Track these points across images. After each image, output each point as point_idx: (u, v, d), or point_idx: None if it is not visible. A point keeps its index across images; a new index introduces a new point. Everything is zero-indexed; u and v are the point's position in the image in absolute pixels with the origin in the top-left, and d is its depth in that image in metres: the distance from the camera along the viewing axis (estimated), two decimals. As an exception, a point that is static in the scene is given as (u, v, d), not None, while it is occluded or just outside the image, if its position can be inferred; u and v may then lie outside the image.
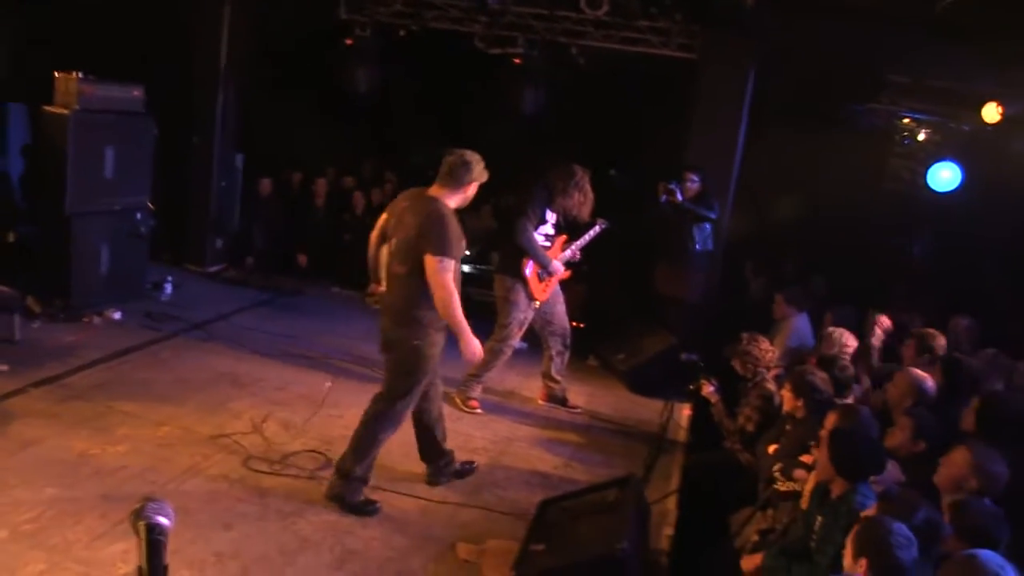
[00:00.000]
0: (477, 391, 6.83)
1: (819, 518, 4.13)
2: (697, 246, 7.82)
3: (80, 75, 7.29)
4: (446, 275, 4.73)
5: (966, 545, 3.34)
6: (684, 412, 7.25)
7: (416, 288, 4.82)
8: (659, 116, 8.64)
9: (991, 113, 7.32)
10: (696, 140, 8.18)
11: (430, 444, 5.44)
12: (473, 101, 9.29)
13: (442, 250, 4.73)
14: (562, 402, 7.11)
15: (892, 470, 4.41)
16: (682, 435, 6.90)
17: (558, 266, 6.76)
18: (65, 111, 7.26)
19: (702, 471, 5.97)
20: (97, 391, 6.13)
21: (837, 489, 4.09)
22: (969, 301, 7.15)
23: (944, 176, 8.49)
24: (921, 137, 9.07)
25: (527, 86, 8.44)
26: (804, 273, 8.54)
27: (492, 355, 6.64)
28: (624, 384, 7.80)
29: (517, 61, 8.41)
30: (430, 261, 4.72)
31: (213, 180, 9.51)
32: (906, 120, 9.14)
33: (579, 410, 7.09)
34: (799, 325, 7.28)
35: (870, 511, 3.75)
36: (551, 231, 6.83)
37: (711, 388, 6.17)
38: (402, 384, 5.00)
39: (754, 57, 8.07)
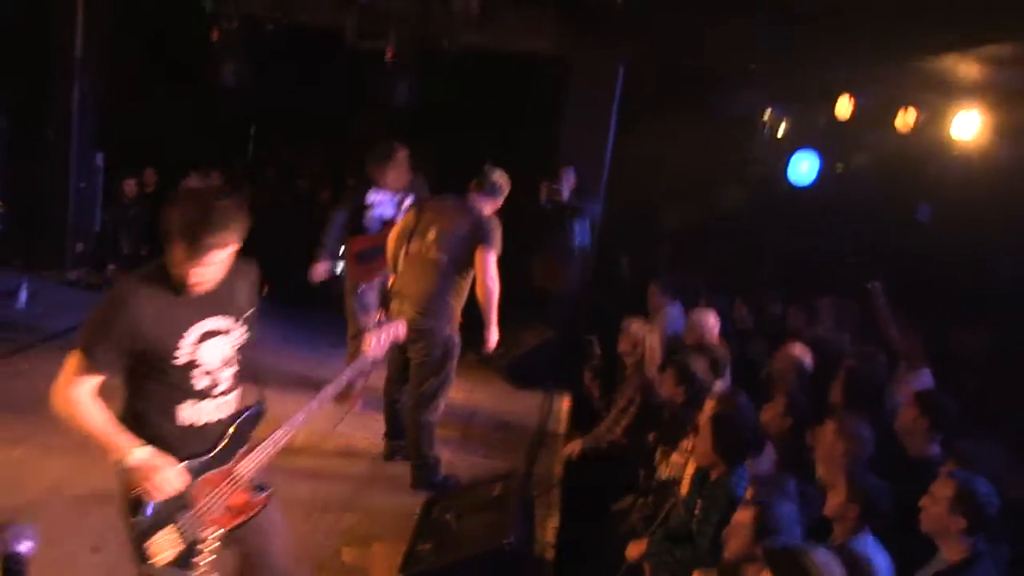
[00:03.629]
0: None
1: (699, 502, 4.26)
2: (576, 241, 7.91)
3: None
4: (496, 268, 5.24)
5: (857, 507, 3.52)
6: (564, 404, 7.33)
7: (452, 277, 5.30)
8: (532, 111, 8.68)
9: (844, 107, 7.66)
10: (568, 136, 8.27)
11: (400, 421, 5.69)
12: (344, 95, 9.12)
13: (496, 246, 5.24)
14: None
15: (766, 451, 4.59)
16: (562, 427, 6.98)
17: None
18: None
19: (583, 461, 6.06)
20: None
21: (715, 473, 4.22)
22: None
23: (803, 168, 8.86)
24: (782, 130, 9.43)
25: (398, 80, 8.34)
26: (676, 263, 8.75)
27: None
28: (504, 377, 7.82)
29: (389, 55, 8.29)
30: (489, 255, 5.22)
31: (71, 179, 9.04)
32: (768, 112, 9.49)
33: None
34: (673, 314, 7.44)
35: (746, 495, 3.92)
36: (391, 212, 6.63)
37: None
38: (439, 372, 5.40)
39: (623, 53, 8.20)
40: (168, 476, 2.88)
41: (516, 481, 4.92)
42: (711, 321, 6.27)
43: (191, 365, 2.94)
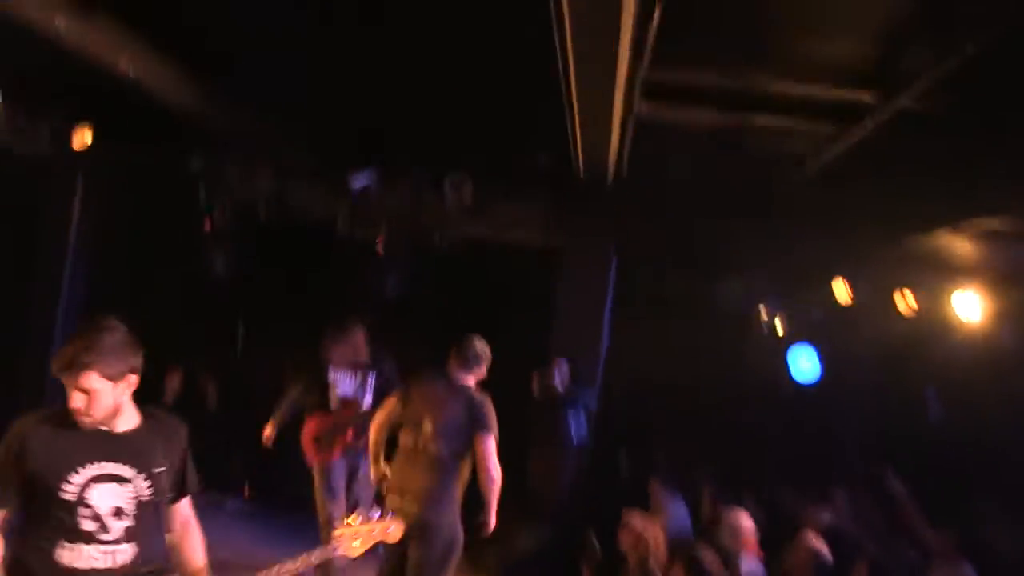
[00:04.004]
0: None
1: None
2: (573, 439, 7.60)
3: None
4: (495, 454, 5.17)
5: None
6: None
7: (457, 469, 5.22)
8: (523, 302, 8.58)
9: (841, 291, 7.55)
10: (561, 326, 8.12)
11: None
12: (333, 286, 9.01)
13: (494, 429, 5.19)
14: None
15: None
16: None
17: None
18: None
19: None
20: None
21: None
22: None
23: (804, 366, 8.60)
24: (779, 329, 9.22)
25: (389, 272, 8.31)
26: (675, 458, 8.38)
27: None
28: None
29: (379, 250, 8.31)
30: (488, 442, 5.14)
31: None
32: (763, 310, 9.35)
33: None
34: (677, 511, 7.04)
35: None
36: (350, 392, 6.69)
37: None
38: (442, 569, 5.19)
39: (613, 244, 8.20)
40: None
41: None
42: (745, 521, 5.88)
43: (79, 503, 2.87)
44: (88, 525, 2.89)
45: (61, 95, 7.82)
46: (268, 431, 6.72)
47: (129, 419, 3.02)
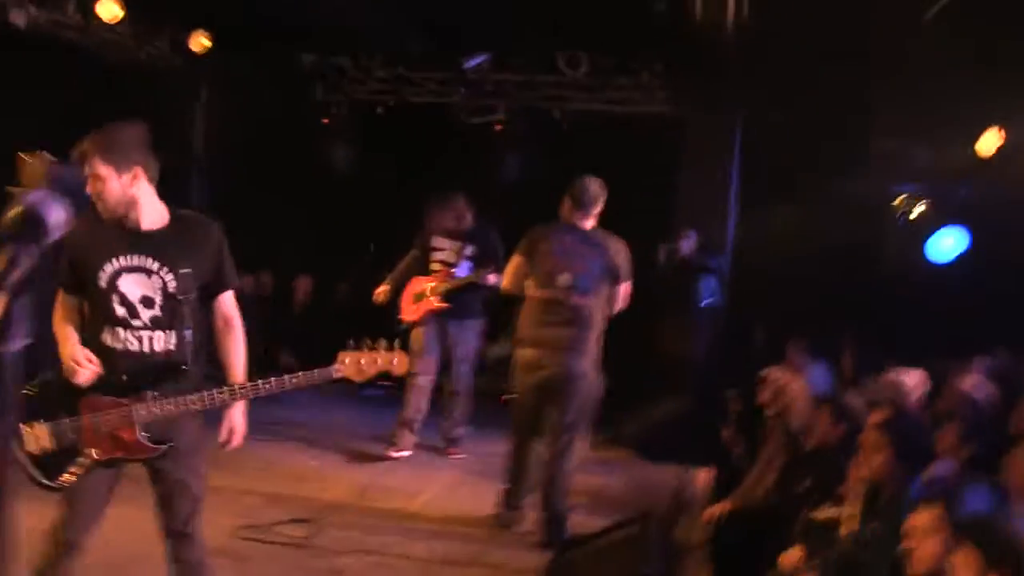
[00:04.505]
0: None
1: (871, 526, 3.66)
2: (703, 301, 7.45)
3: (47, 155, 7.02)
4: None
5: None
6: (703, 474, 6.71)
7: (598, 318, 5.10)
8: (647, 176, 8.37)
9: (991, 141, 7.07)
10: (687, 197, 7.92)
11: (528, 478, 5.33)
12: (455, 171, 9.00)
13: (630, 275, 5.22)
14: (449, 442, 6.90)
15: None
16: (702, 496, 6.35)
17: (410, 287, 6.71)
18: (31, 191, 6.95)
19: (729, 523, 5.46)
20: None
21: (889, 490, 3.64)
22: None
23: (946, 244, 8.10)
24: (917, 212, 8.69)
25: (509, 153, 8.24)
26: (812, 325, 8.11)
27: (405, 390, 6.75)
28: (635, 452, 7.26)
29: (498, 128, 8.23)
30: (626, 288, 5.18)
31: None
32: (900, 198, 8.82)
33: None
34: (816, 370, 6.84)
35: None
36: (452, 259, 6.72)
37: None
38: (582, 419, 5.18)
39: (740, 108, 7.89)
40: (74, 357, 3.10)
41: (656, 523, 4.35)
42: (912, 381, 5.62)
43: (112, 291, 3.15)
44: (120, 311, 3.16)
45: (179, 3, 7.97)
46: (380, 290, 6.82)
47: (156, 218, 3.23)
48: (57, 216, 1.67)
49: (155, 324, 3.18)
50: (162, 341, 3.18)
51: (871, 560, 3.54)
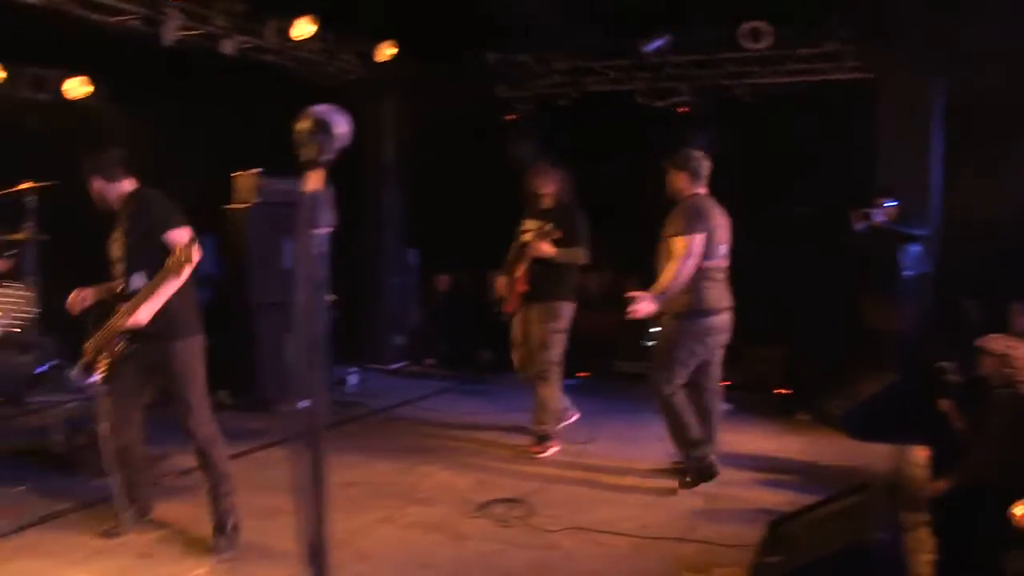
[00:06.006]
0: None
1: None
2: (907, 271, 7.10)
3: (257, 171, 7.51)
4: None
5: None
6: (919, 453, 6.39)
7: None
8: (839, 143, 8.06)
9: None
10: (884, 163, 7.57)
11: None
12: (642, 157, 8.92)
13: None
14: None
15: None
16: (920, 475, 6.05)
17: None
18: (245, 206, 7.47)
19: (953, 501, 5.17)
20: (286, 461, 5.98)
21: None
22: None
23: None
24: None
25: (695, 133, 8.12)
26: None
27: None
28: (842, 431, 6.99)
29: (682, 111, 8.14)
30: None
31: (387, 276, 9.52)
32: None
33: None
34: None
35: None
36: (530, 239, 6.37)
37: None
38: None
39: (940, 66, 7.46)
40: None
41: (880, 491, 4.19)
42: None
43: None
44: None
45: (367, 14, 8.31)
46: (499, 283, 6.59)
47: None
48: (343, 126, 1.86)
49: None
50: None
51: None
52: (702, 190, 5.47)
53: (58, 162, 7.19)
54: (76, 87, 8.48)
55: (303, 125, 1.83)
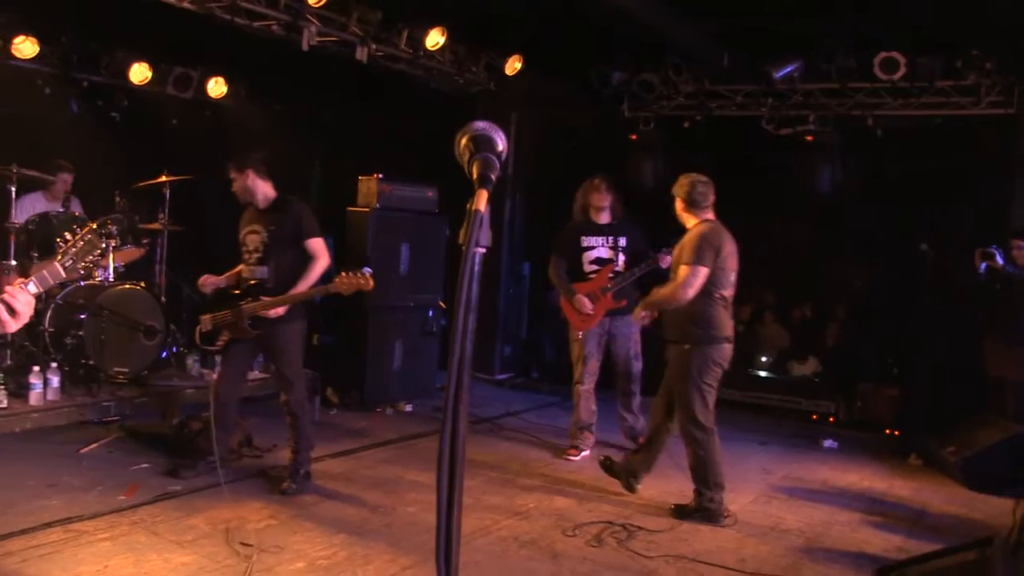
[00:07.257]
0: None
1: None
2: (1033, 322, 6.78)
3: (380, 177, 7.70)
4: None
5: None
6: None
7: None
8: (971, 180, 7.75)
9: None
10: (1019, 203, 7.26)
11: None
12: (767, 185, 8.74)
13: None
14: (634, 439, 6.73)
15: None
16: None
17: (581, 298, 6.52)
18: (367, 209, 7.66)
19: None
20: (389, 463, 6.23)
21: None
22: None
23: None
24: None
25: (823, 163, 7.95)
26: None
27: (575, 396, 6.82)
28: (958, 480, 6.72)
29: (809, 139, 7.96)
30: None
31: (500, 287, 9.61)
32: None
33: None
34: None
35: None
36: (605, 255, 6.64)
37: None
38: None
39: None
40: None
41: (1001, 549, 4.00)
42: None
43: (241, 244, 5.45)
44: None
45: (496, 28, 8.43)
46: (563, 304, 6.73)
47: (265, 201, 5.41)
48: (502, 143, 1.76)
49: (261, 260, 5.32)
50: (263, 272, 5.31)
51: None
52: (710, 216, 5.36)
53: (188, 158, 7.57)
54: (216, 87, 8.90)
55: (464, 140, 1.75)
